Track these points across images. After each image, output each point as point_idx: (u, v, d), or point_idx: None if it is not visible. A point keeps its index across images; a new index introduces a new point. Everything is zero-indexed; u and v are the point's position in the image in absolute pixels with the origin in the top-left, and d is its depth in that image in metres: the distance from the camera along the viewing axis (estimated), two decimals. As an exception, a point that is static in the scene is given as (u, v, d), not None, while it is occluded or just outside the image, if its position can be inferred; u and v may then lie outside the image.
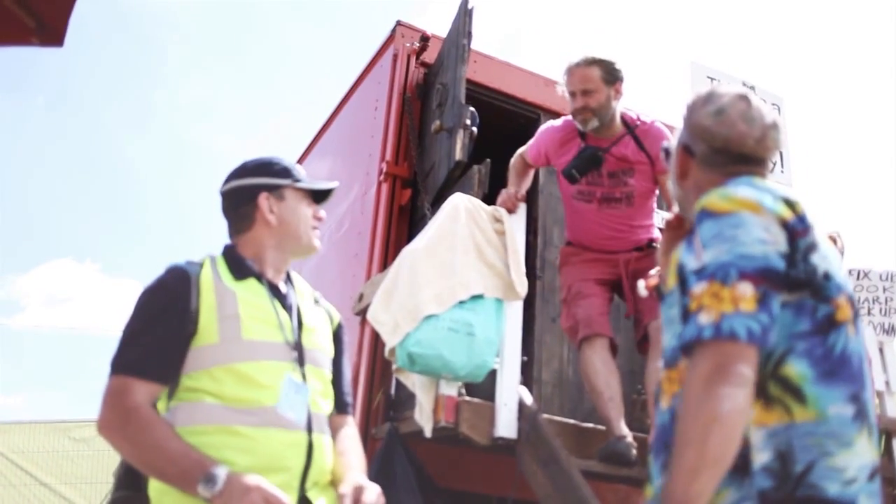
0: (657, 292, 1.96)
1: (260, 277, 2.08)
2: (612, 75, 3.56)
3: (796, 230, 1.49)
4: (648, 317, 3.54)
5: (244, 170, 2.19)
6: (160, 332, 1.90)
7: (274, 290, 2.10)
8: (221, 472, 1.74)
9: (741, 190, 1.53)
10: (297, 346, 2.04)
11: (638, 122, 3.64)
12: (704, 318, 1.39)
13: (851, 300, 1.55)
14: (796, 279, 1.47)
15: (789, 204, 1.52)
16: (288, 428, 1.92)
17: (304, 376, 2.01)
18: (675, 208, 1.88)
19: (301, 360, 2.03)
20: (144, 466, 1.82)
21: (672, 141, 1.87)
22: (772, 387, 1.44)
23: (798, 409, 1.42)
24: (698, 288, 1.43)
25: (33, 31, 2.69)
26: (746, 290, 1.39)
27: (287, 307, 2.10)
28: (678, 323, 1.54)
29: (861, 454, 1.43)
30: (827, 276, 1.50)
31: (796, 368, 1.44)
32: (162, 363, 1.89)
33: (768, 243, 1.45)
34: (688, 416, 1.34)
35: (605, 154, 3.58)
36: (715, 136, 1.70)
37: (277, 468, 1.87)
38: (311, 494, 1.95)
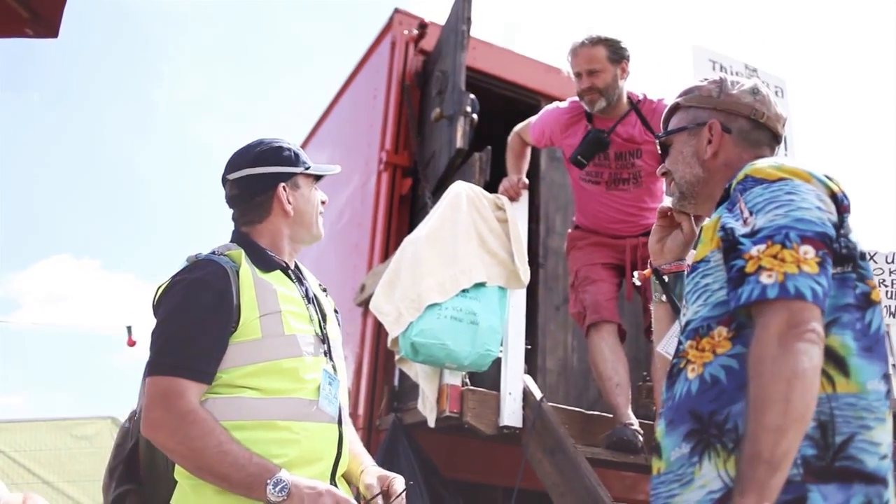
0: (656, 277, 1.92)
1: (286, 269, 2.06)
2: (617, 54, 3.52)
3: (843, 204, 1.51)
4: None
5: (257, 156, 2.12)
6: (207, 331, 1.85)
7: (297, 282, 2.08)
8: (287, 476, 1.73)
9: (789, 160, 1.55)
10: (325, 339, 2.03)
11: (644, 101, 3.59)
12: (767, 279, 1.38)
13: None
14: (840, 253, 1.47)
15: (833, 180, 1.53)
16: (325, 421, 1.92)
17: (334, 368, 2.01)
18: (679, 192, 1.83)
19: (330, 353, 2.02)
20: (203, 470, 1.77)
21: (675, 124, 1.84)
22: None
23: (841, 379, 1.42)
24: (755, 250, 1.42)
25: (28, 23, 2.65)
26: (808, 252, 1.39)
27: (309, 298, 2.08)
28: (713, 291, 1.53)
29: (890, 431, 1.44)
30: (863, 257, 1.52)
31: (840, 339, 1.44)
32: (210, 363, 1.84)
33: (824, 211, 1.45)
34: (765, 375, 1.32)
35: (609, 135, 3.54)
36: (759, 113, 1.75)
37: (314, 460, 1.87)
38: (338, 484, 1.95)
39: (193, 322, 1.85)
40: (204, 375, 1.83)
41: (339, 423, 1.97)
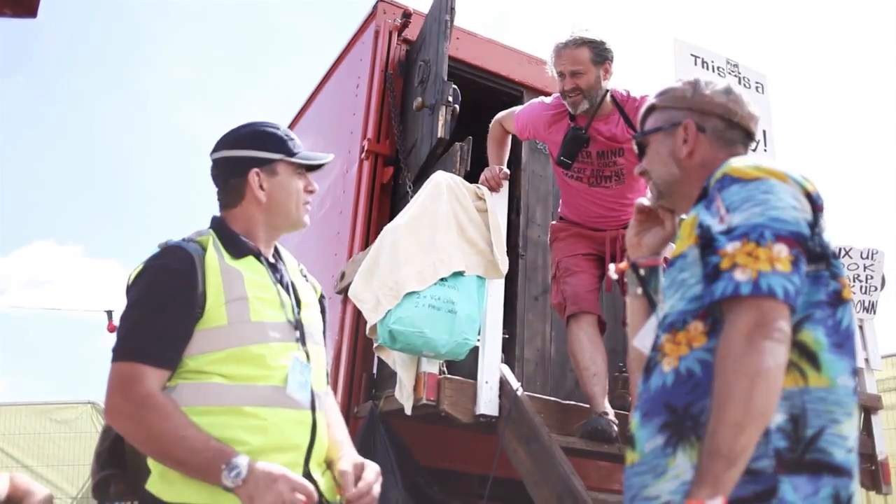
0: (633, 271, 1.94)
1: (258, 255, 2.04)
2: (601, 56, 3.53)
3: (818, 204, 1.53)
4: None
5: (237, 138, 2.11)
6: (169, 317, 1.84)
7: (271, 268, 2.06)
8: (244, 461, 1.71)
9: (765, 160, 1.58)
10: (298, 325, 2.02)
11: (628, 99, 3.60)
12: (741, 275, 1.41)
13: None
14: (814, 251, 1.50)
15: (808, 180, 1.56)
16: (295, 407, 1.91)
17: (307, 355, 2.00)
18: (657, 191, 1.85)
19: (303, 339, 2.01)
20: (161, 455, 1.77)
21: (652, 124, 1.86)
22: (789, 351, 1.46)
23: (813, 374, 1.45)
24: (730, 247, 1.45)
25: (5, 2, 2.64)
26: (782, 250, 1.42)
27: (284, 284, 2.07)
28: (690, 286, 1.56)
29: (856, 426, 1.48)
30: (836, 255, 1.56)
31: (813, 335, 1.47)
32: (172, 349, 1.84)
33: (799, 210, 1.48)
34: (729, 371, 1.35)
35: (587, 130, 3.55)
36: (732, 112, 1.78)
37: (286, 447, 1.86)
38: (314, 473, 1.94)
39: (155, 308, 1.86)
40: (164, 361, 1.82)
41: (314, 409, 1.96)
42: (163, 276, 1.89)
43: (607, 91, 3.54)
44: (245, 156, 2.09)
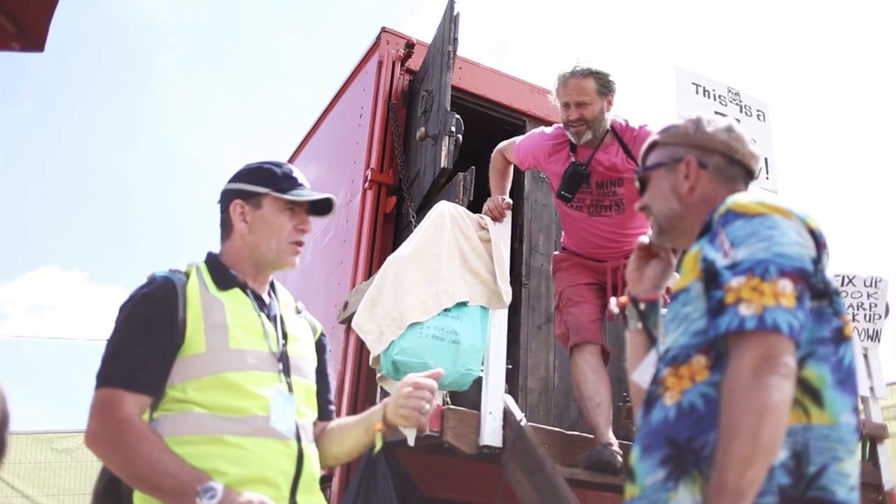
0: (633, 305, 1.94)
1: (244, 288, 2.06)
2: (606, 87, 3.54)
3: (820, 241, 1.54)
4: None
5: (236, 172, 2.16)
6: (149, 344, 1.87)
7: (258, 301, 2.07)
8: (219, 486, 1.71)
9: (768, 197, 1.59)
10: (283, 357, 2.02)
11: (627, 129, 3.62)
12: (746, 310, 1.41)
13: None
14: (817, 288, 1.50)
15: (810, 217, 1.57)
16: (280, 438, 1.91)
17: (290, 386, 2.00)
18: (658, 226, 1.86)
19: (287, 370, 2.01)
20: (137, 480, 1.78)
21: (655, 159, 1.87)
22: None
23: (815, 411, 1.44)
24: (735, 281, 1.44)
25: (13, 36, 2.66)
26: (787, 286, 1.42)
27: (271, 318, 2.07)
28: (693, 320, 1.56)
29: (858, 463, 1.48)
30: (837, 292, 1.56)
31: (816, 371, 1.47)
32: (151, 375, 1.86)
33: (803, 246, 1.49)
34: (736, 406, 1.35)
35: (588, 165, 3.56)
36: (734, 149, 1.79)
37: (269, 479, 1.85)
38: (300, 502, 1.93)
39: (134, 335, 1.88)
40: (142, 386, 1.84)
41: (299, 440, 1.96)
42: (144, 304, 1.92)
43: (609, 123, 3.56)
44: (232, 188, 2.13)
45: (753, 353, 1.37)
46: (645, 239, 1.93)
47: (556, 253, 4.00)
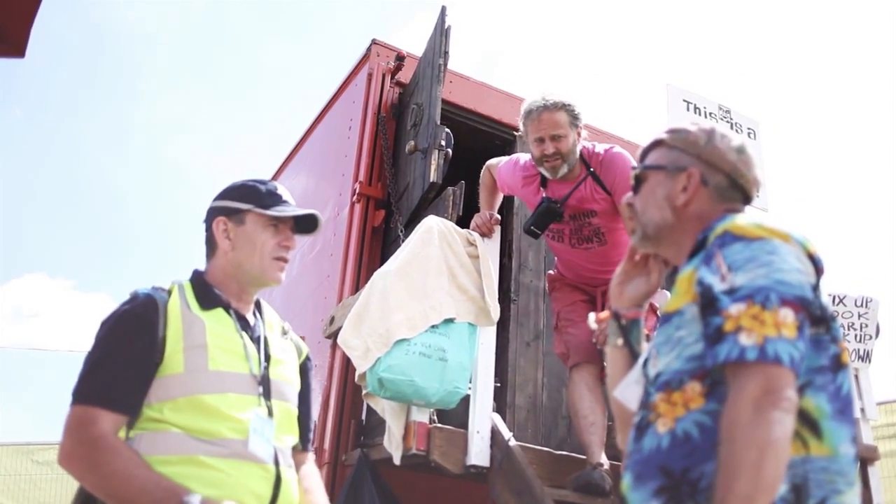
0: (615, 321, 1.89)
1: (227, 307, 2.02)
2: (576, 119, 3.48)
3: (819, 266, 1.51)
4: None
5: (220, 192, 2.14)
6: (126, 361, 1.84)
7: (241, 321, 2.03)
8: (196, 500, 1.68)
9: (766, 220, 1.54)
10: (264, 379, 1.98)
11: (593, 155, 3.56)
12: (746, 340, 1.36)
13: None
14: (815, 315, 1.46)
15: (809, 242, 1.53)
16: (257, 462, 1.87)
17: (269, 410, 1.96)
18: (643, 231, 1.80)
19: (267, 394, 1.97)
20: (112, 497, 1.74)
21: (653, 160, 1.81)
22: None
23: (814, 443, 1.41)
24: (734, 308, 1.40)
25: (-6, 42, 2.62)
26: (788, 316, 1.38)
27: (255, 339, 2.03)
28: (687, 344, 1.51)
29: (858, 494, 1.44)
30: (833, 318, 1.52)
31: (815, 402, 1.43)
32: (128, 393, 1.82)
33: (803, 273, 1.45)
34: (738, 441, 1.31)
35: (563, 203, 3.52)
36: (739, 173, 1.72)
37: (242, 502, 1.81)
38: None
39: (112, 352, 1.85)
40: (117, 404, 1.81)
41: (277, 464, 1.92)
42: (123, 321, 1.90)
43: (580, 155, 3.52)
44: (216, 206, 2.11)
45: (755, 386, 1.33)
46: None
47: (551, 272, 3.97)
